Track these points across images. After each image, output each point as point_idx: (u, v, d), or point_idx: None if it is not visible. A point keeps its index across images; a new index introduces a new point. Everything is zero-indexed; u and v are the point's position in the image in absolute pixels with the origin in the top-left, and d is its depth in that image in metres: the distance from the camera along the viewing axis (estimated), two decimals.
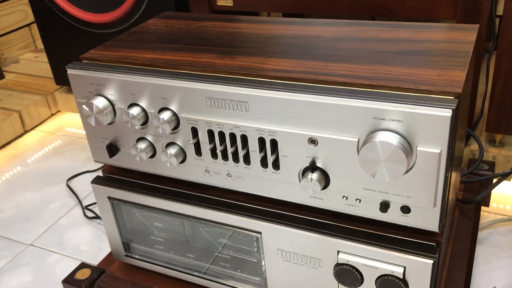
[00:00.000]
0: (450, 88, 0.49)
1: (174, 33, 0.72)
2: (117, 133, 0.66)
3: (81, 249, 1.02)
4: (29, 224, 1.10)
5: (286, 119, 0.54)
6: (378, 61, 0.57)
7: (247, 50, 0.63)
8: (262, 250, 0.64)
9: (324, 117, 0.52)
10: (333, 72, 0.55)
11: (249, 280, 0.68)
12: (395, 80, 0.51)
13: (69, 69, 0.64)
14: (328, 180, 0.55)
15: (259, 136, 0.56)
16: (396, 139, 0.48)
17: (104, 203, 0.73)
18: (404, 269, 0.55)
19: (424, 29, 0.65)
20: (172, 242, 0.72)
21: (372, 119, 0.50)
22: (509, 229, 0.97)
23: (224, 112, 0.57)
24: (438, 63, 0.54)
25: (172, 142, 0.62)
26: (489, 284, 0.85)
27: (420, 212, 0.53)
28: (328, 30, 0.68)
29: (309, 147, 0.54)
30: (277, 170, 0.58)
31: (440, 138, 0.48)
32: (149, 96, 0.60)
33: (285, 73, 0.56)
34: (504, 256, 0.91)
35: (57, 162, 1.33)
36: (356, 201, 0.55)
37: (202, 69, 0.59)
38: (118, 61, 0.64)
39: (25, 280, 0.95)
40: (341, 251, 0.58)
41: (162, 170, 0.66)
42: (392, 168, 0.49)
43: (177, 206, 0.67)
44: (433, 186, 0.50)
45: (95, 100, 0.63)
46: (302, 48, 0.62)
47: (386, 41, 0.62)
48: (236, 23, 0.74)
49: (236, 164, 0.60)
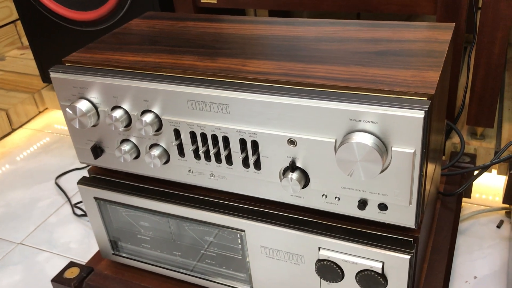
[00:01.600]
0: (424, 90, 0.50)
1: (157, 34, 0.73)
2: (101, 135, 0.66)
3: (70, 247, 1.03)
4: (19, 222, 1.11)
5: (266, 121, 0.55)
6: (356, 62, 0.58)
7: (228, 52, 0.64)
8: (246, 247, 0.65)
9: (302, 119, 0.53)
10: (311, 74, 0.56)
11: (235, 277, 0.70)
12: (371, 82, 0.53)
13: (52, 73, 0.65)
14: (308, 179, 0.57)
15: (240, 138, 0.58)
16: (371, 140, 0.50)
17: (90, 203, 0.74)
18: (383, 264, 0.57)
19: (401, 28, 0.66)
20: (158, 240, 0.73)
21: (348, 121, 0.51)
22: (490, 219, 0.99)
23: (205, 114, 0.58)
24: (413, 64, 0.56)
25: (156, 143, 0.63)
26: (470, 274, 0.88)
27: (397, 210, 0.54)
28: (308, 30, 0.69)
29: (289, 148, 0.55)
30: (258, 170, 0.59)
31: (414, 138, 0.49)
32: (131, 99, 0.61)
33: (265, 75, 0.57)
34: (486, 246, 0.93)
35: (45, 160, 1.33)
36: (335, 199, 0.57)
37: (183, 72, 0.60)
38: (100, 64, 0.65)
39: (15, 279, 0.96)
40: (322, 247, 0.60)
41: (146, 171, 0.67)
42: (368, 168, 0.51)
43: (162, 205, 0.68)
44: (408, 184, 0.52)
45: (79, 103, 0.63)
46: (282, 49, 0.63)
47: (365, 41, 0.63)
48: (217, 23, 0.75)
49: (218, 164, 0.61)
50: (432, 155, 0.61)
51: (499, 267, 0.88)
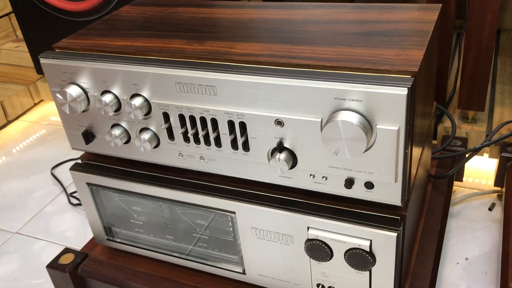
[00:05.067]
0: (407, 67, 0.50)
1: (146, 20, 0.73)
2: (92, 120, 0.67)
3: (66, 236, 1.04)
4: (15, 212, 1.12)
5: (253, 102, 0.56)
6: (341, 42, 0.58)
7: (216, 35, 0.65)
8: (237, 229, 0.66)
9: (288, 99, 0.54)
10: (297, 55, 0.56)
11: (227, 259, 0.71)
12: (356, 61, 0.53)
13: (42, 59, 0.65)
14: (296, 159, 0.57)
15: (228, 119, 0.58)
16: (356, 118, 0.50)
17: (83, 189, 0.74)
18: (371, 242, 0.58)
19: (388, 10, 0.66)
20: (151, 225, 0.74)
21: (333, 100, 0.51)
22: (482, 202, 1.00)
23: (193, 96, 0.59)
24: (398, 43, 0.56)
25: (145, 127, 0.64)
26: (461, 255, 0.89)
27: (383, 188, 0.55)
28: (296, 13, 0.69)
29: (276, 128, 0.56)
30: (247, 151, 0.60)
31: (398, 115, 0.50)
32: (120, 83, 0.62)
33: (251, 57, 0.57)
34: (477, 228, 0.94)
35: (41, 151, 1.34)
36: (322, 178, 0.57)
37: (171, 55, 0.61)
38: (89, 49, 0.65)
39: (12, 267, 0.97)
40: (311, 227, 0.60)
41: (137, 155, 0.68)
42: (353, 146, 0.51)
43: (153, 189, 0.68)
44: (393, 162, 0.52)
45: (69, 89, 0.64)
46: (270, 31, 0.64)
47: (351, 22, 0.64)
48: (207, 9, 0.75)
49: (208, 147, 0.62)
50: (419, 136, 0.61)
51: (490, 249, 0.89)
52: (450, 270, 0.86)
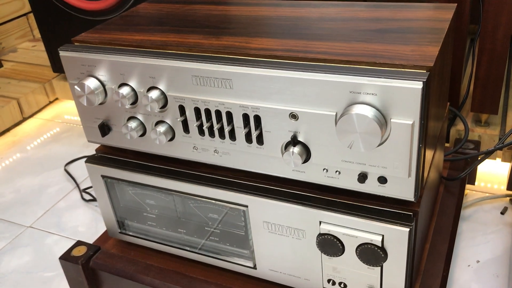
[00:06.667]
0: (423, 62, 0.51)
1: (163, 16, 0.74)
2: (109, 113, 0.68)
3: (78, 230, 1.05)
4: (28, 207, 1.13)
5: (268, 95, 0.56)
6: (357, 39, 0.59)
7: (232, 31, 0.65)
8: (249, 223, 0.67)
9: (303, 93, 0.54)
10: (313, 49, 0.57)
11: (238, 253, 0.71)
12: (372, 56, 0.54)
13: (61, 51, 0.67)
14: (309, 153, 0.58)
15: (243, 113, 0.59)
16: (371, 111, 0.51)
17: (98, 181, 0.75)
18: (383, 237, 0.58)
19: (403, 8, 0.67)
20: (164, 218, 0.75)
21: (348, 93, 0.52)
22: (494, 206, 0.99)
23: (209, 90, 0.60)
24: (413, 40, 0.57)
25: (161, 120, 0.65)
26: (473, 258, 0.88)
27: (396, 182, 0.55)
28: (312, 11, 0.70)
29: (291, 122, 0.57)
30: (261, 145, 0.60)
31: (412, 109, 0.50)
32: (138, 76, 0.63)
33: (267, 51, 0.58)
34: (489, 231, 0.94)
35: (55, 148, 1.36)
36: (336, 173, 0.58)
37: (188, 49, 0.62)
38: (108, 43, 0.66)
39: (24, 260, 0.98)
40: (323, 221, 0.61)
41: (152, 148, 0.69)
42: (367, 140, 0.52)
43: (167, 182, 0.69)
44: (407, 156, 0.53)
45: (87, 81, 0.65)
46: (285, 28, 0.65)
47: (366, 20, 0.64)
48: (223, 6, 0.76)
49: (222, 140, 0.62)
50: (432, 138, 0.62)
51: (501, 252, 0.88)
52: (461, 272, 0.85)
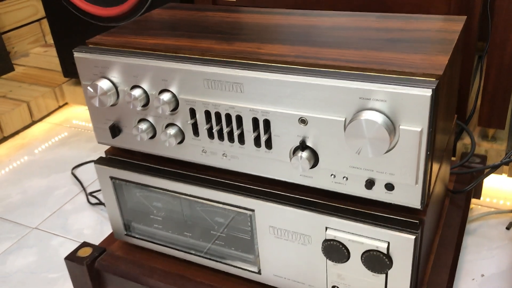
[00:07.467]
0: (432, 71, 0.52)
1: (177, 22, 0.75)
2: (120, 115, 0.69)
3: (84, 233, 1.05)
4: (35, 209, 1.14)
5: (278, 99, 0.57)
6: (368, 47, 0.60)
7: (245, 37, 0.67)
8: (255, 228, 0.67)
9: (313, 98, 0.55)
10: (324, 56, 0.58)
11: (243, 258, 0.71)
12: (382, 64, 0.55)
13: (76, 53, 0.68)
14: (317, 158, 0.58)
15: (253, 117, 0.60)
16: (380, 117, 0.51)
17: (106, 183, 0.76)
18: (388, 244, 0.58)
19: (414, 19, 0.68)
20: (170, 221, 0.75)
21: (358, 99, 0.53)
22: (500, 221, 0.99)
23: (220, 93, 0.60)
24: (423, 49, 0.57)
25: (172, 123, 0.66)
26: (477, 272, 0.88)
27: (403, 189, 0.55)
28: (323, 20, 0.71)
29: (300, 127, 0.57)
30: (269, 149, 0.61)
31: (421, 117, 0.51)
32: (150, 78, 0.64)
33: (278, 57, 0.59)
34: (494, 246, 0.93)
35: (63, 152, 1.37)
36: (343, 179, 0.58)
37: (201, 53, 0.63)
38: (121, 46, 0.68)
39: (29, 260, 0.99)
40: (329, 227, 0.61)
41: (161, 151, 0.69)
42: (375, 145, 0.52)
43: (175, 185, 0.70)
44: (415, 163, 0.53)
45: (100, 82, 0.66)
46: (297, 35, 0.66)
47: (378, 30, 0.65)
48: (236, 13, 0.77)
49: (231, 144, 0.63)
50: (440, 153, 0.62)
51: (507, 267, 0.88)
52: (465, 285, 0.85)
